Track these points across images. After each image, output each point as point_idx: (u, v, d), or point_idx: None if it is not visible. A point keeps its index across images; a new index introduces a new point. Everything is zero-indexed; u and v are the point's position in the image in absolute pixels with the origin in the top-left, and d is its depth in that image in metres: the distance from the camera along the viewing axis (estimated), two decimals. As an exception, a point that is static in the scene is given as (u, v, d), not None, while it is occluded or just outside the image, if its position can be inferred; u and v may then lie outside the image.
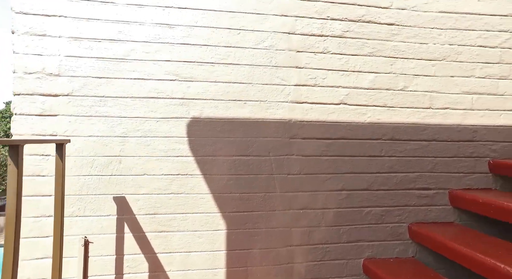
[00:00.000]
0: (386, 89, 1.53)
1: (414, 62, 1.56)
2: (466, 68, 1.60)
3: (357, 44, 1.52)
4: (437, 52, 1.58)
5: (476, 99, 1.60)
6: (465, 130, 1.58)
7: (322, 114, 1.48)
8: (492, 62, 1.62)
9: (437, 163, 1.56)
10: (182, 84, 1.38)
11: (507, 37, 1.62)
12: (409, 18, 1.56)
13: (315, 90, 1.47)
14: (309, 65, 1.47)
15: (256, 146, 1.43)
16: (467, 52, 1.60)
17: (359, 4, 1.52)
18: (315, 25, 1.48)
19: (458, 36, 1.60)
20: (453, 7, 1.59)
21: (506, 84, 1.62)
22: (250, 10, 1.43)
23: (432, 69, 1.57)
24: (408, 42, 1.56)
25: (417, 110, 1.55)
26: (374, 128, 1.52)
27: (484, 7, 1.61)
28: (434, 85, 1.57)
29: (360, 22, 1.52)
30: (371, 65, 1.52)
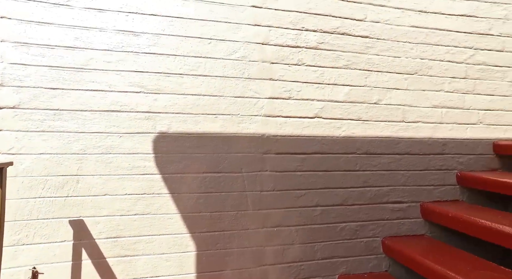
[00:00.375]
0: (361, 102, 1.52)
1: (387, 76, 1.55)
2: (436, 82, 1.62)
3: (332, 56, 1.49)
4: (409, 66, 1.59)
5: (445, 113, 1.63)
6: (435, 144, 1.61)
7: (296, 129, 1.43)
8: (459, 77, 1.65)
9: (409, 176, 1.57)
10: (148, 97, 1.27)
11: (472, 53, 1.67)
12: (383, 32, 1.55)
13: (290, 104, 1.43)
14: (284, 77, 1.42)
15: (228, 162, 1.36)
16: (437, 67, 1.62)
17: (334, 16, 1.49)
18: (290, 36, 1.43)
19: (429, 51, 1.62)
20: (424, 22, 1.61)
21: (471, 99, 1.66)
22: (221, 19, 1.35)
23: (405, 83, 1.58)
24: (382, 56, 1.55)
25: (391, 123, 1.55)
26: (349, 142, 1.49)
27: (451, 24, 1.64)
28: (407, 99, 1.58)
29: (335, 34, 1.49)
30: (346, 78, 1.50)
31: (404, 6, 1.58)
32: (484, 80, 1.68)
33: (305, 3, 1.45)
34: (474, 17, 1.67)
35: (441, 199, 1.61)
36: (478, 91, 1.68)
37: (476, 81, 1.67)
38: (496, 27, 1.70)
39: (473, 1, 1.67)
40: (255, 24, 1.39)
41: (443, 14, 1.64)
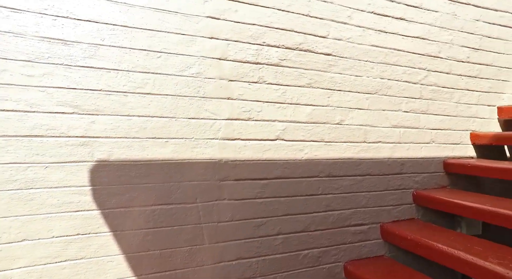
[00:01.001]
0: (324, 123, 1.46)
1: (350, 95, 1.52)
2: (395, 102, 1.63)
3: (295, 74, 1.40)
4: (371, 85, 1.57)
5: (403, 132, 1.64)
6: (394, 164, 1.61)
7: (257, 152, 1.32)
8: (415, 97, 1.68)
9: (370, 198, 1.55)
10: (84, 119, 1.07)
11: (425, 74, 1.71)
12: (345, 50, 1.51)
13: (250, 125, 1.31)
14: (243, 96, 1.30)
15: (181, 192, 1.20)
16: (396, 87, 1.63)
17: (297, 31, 1.41)
18: (250, 51, 1.32)
19: (388, 71, 1.61)
20: (383, 42, 1.60)
21: (425, 118, 1.70)
22: (173, 30, 1.19)
23: (366, 103, 1.56)
24: (345, 74, 1.51)
25: (353, 144, 1.51)
26: (312, 165, 1.42)
27: (407, 45, 1.66)
28: (368, 119, 1.56)
29: (298, 50, 1.41)
30: (308, 97, 1.43)
31: (365, 24, 1.56)
32: (435, 100, 1.74)
33: (266, 17, 1.35)
34: (426, 40, 1.71)
35: (399, 218, 1.62)
36: (431, 111, 1.72)
37: (429, 101, 1.72)
38: (444, 51, 1.76)
39: (425, 24, 1.71)
40: (212, 37, 1.25)
41: (400, 35, 1.65)
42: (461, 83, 1.81)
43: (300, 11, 1.41)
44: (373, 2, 1.58)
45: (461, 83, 1.81)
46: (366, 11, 1.56)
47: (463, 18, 1.82)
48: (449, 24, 1.78)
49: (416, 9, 1.69)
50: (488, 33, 1.89)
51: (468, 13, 1.83)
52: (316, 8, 1.45)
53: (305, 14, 1.43)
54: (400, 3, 1.65)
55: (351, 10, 1.53)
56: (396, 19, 1.64)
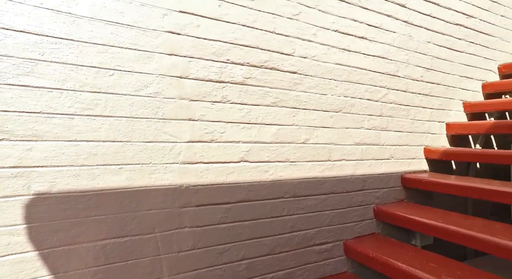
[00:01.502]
0: (289, 142, 1.43)
1: (315, 114, 1.51)
2: (357, 120, 1.66)
3: (260, 93, 1.36)
4: (335, 103, 1.58)
5: (365, 149, 1.68)
6: (356, 181, 1.64)
7: (220, 175, 1.26)
8: (375, 115, 1.73)
9: (334, 216, 1.56)
10: (17, 146, 0.92)
11: (385, 92, 1.76)
12: (310, 68, 1.50)
13: (212, 147, 1.24)
14: (206, 117, 1.23)
15: (137, 222, 1.09)
16: (358, 105, 1.66)
17: (262, 48, 1.37)
18: (213, 69, 1.25)
19: (351, 89, 1.64)
20: (346, 60, 1.62)
21: (385, 135, 1.76)
22: (129, 45, 1.08)
23: (331, 121, 1.56)
24: (310, 93, 1.50)
25: (318, 163, 1.51)
26: (277, 187, 1.39)
27: (368, 63, 1.70)
28: (332, 138, 1.56)
29: (263, 68, 1.37)
30: (274, 116, 1.39)
31: (329, 43, 1.56)
32: (394, 117, 1.80)
33: (230, 33, 1.29)
34: (386, 59, 1.77)
35: (361, 234, 1.65)
36: (390, 128, 1.78)
37: (389, 118, 1.78)
38: (402, 70, 1.84)
39: (384, 44, 1.77)
40: (172, 54, 1.16)
41: (362, 53, 1.68)
42: (416, 101, 1.90)
43: (265, 27, 1.37)
44: (337, 20, 1.59)
45: (416, 101, 1.91)
46: (331, 30, 1.57)
47: (417, 40, 1.91)
48: (405, 44, 1.86)
49: (377, 29, 1.74)
50: (437, 55, 2.01)
51: (421, 35, 1.93)
52: (282, 25, 1.42)
53: (270, 31, 1.39)
54: (362, 23, 1.68)
55: (316, 28, 1.52)
56: (358, 38, 1.67)
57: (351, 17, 1.64)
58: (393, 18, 1.80)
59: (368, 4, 1.70)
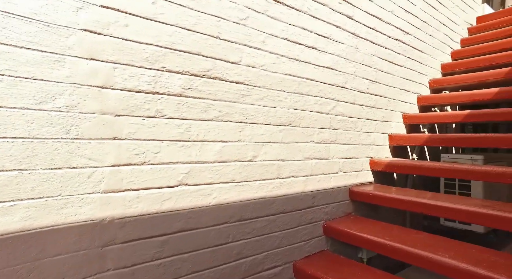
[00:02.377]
0: (235, 161, 1.29)
1: (263, 128, 1.39)
2: (307, 133, 1.58)
3: (202, 106, 1.20)
4: (284, 116, 1.48)
5: (314, 164, 1.61)
6: (306, 198, 1.56)
7: (153, 204, 1.06)
8: (325, 128, 1.68)
9: (283, 237, 1.46)
10: None
11: (334, 105, 1.73)
12: (259, 78, 1.38)
13: (144, 171, 1.04)
14: (136, 135, 1.03)
15: (37, 274, 0.85)
16: (308, 118, 1.59)
17: (205, 56, 1.20)
18: (145, 78, 1.05)
19: (301, 101, 1.56)
20: (296, 70, 1.54)
21: (334, 148, 1.73)
22: (25, 43, 0.83)
23: (280, 136, 1.46)
24: (258, 105, 1.37)
25: (266, 182, 1.39)
26: (221, 211, 1.24)
27: (318, 75, 1.65)
28: (281, 153, 1.46)
29: (206, 78, 1.21)
30: (217, 132, 1.24)
31: (279, 51, 1.46)
32: (343, 130, 1.78)
33: (167, 36, 1.10)
34: (335, 71, 1.74)
35: (310, 253, 1.58)
36: (339, 141, 1.75)
37: (338, 131, 1.75)
38: (350, 82, 1.83)
39: (333, 55, 1.73)
40: (91, 58, 0.94)
41: (312, 64, 1.62)
42: (362, 113, 1.91)
43: (208, 32, 1.21)
44: (287, 28, 1.50)
45: (363, 113, 1.91)
46: (280, 37, 1.47)
47: (363, 52, 1.92)
48: (353, 56, 1.85)
49: (326, 40, 1.69)
50: (381, 68, 2.05)
51: (367, 48, 1.95)
52: (227, 30, 1.27)
53: (214, 36, 1.23)
54: (312, 32, 1.62)
55: (265, 34, 1.41)
56: (308, 47, 1.60)
57: (300, 25, 1.56)
58: (341, 29, 1.78)
59: (317, 13, 1.64)
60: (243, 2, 1.32)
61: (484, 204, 1.37)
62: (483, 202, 1.42)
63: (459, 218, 1.36)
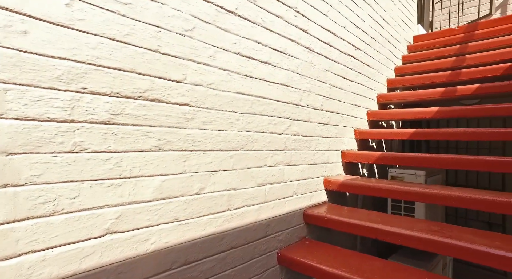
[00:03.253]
0: (178, 196, 1.10)
1: (212, 155, 1.22)
2: (260, 157, 1.45)
3: (137, 135, 0.98)
4: (236, 140, 1.33)
5: (268, 190, 1.49)
6: (259, 227, 1.43)
7: (69, 264, 0.83)
8: (279, 149, 1.57)
9: (235, 275, 1.30)
10: None
11: (289, 124, 1.63)
12: (207, 98, 1.21)
13: (55, 224, 0.80)
14: (42, 177, 0.78)
15: None
16: (261, 140, 1.46)
17: (141, 73, 0.99)
18: (57, 103, 0.81)
19: (254, 122, 1.42)
20: (249, 88, 1.40)
21: (289, 171, 1.62)
22: None
23: (231, 162, 1.30)
24: (206, 130, 1.20)
25: (215, 216, 1.23)
26: (161, 257, 1.04)
27: (272, 92, 1.53)
28: (233, 182, 1.31)
29: (142, 100, 1.00)
30: (157, 164, 1.04)
31: (230, 67, 1.30)
32: (297, 150, 1.68)
33: (89, 48, 0.87)
34: (290, 87, 1.64)
35: (263, 287, 1.46)
36: (294, 162, 1.66)
37: (292, 152, 1.65)
38: (304, 99, 1.75)
39: (288, 71, 1.63)
40: (-31, 78, 0.68)
41: (266, 81, 1.49)
42: (317, 131, 1.85)
43: (145, 44, 1.01)
44: (239, 41, 1.35)
45: (317, 131, 1.85)
46: (232, 52, 1.31)
47: (318, 68, 1.86)
48: (308, 72, 1.77)
49: (281, 54, 1.58)
50: (334, 83, 2.02)
51: (321, 63, 1.89)
52: (169, 42, 1.08)
53: (153, 50, 1.03)
54: (266, 46, 1.49)
55: (214, 48, 1.24)
56: (262, 63, 1.47)
57: (254, 38, 1.42)
58: (296, 44, 1.68)
59: (272, 26, 1.52)
60: (188, 10, 1.14)
61: (433, 228, 1.37)
62: (431, 225, 1.43)
63: (411, 244, 1.35)
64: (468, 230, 1.33)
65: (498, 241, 1.21)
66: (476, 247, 1.18)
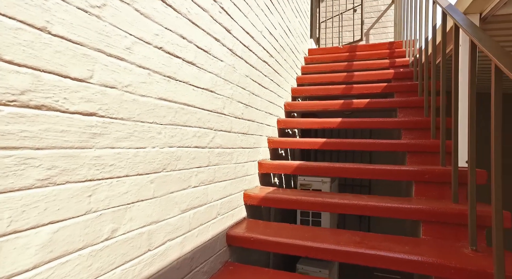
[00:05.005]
0: (79, 249, 0.74)
1: (128, 182, 0.90)
2: (184, 177, 1.19)
3: (7, 164, 0.59)
4: (157, 160, 1.03)
5: (192, 216, 1.24)
6: (184, 263, 1.17)
7: None
8: (203, 166, 1.34)
9: None
10: None
11: (213, 135, 1.42)
12: (122, 105, 0.88)
13: None
14: None
15: None
16: (185, 156, 1.20)
17: (13, 62, 0.61)
18: None
19: (178, 135, 1.15)
20: (173, 93, 1.12)
21: (212, 189, 1.42)
22: None
23: (151, 189, 1.00)
24: (119, 149, 0.87)
25: (132, 264, 0.91)
26: None
27: (197, 98, 1.29)
28: (154, 214, 1.01)
29: (16, 108, 0.61)
30: (44, 208, 0.66)
31: (151, 65, 1.00)
32: (221, 165, 1.49)
33: None
34: (214, 93, 1.43)
35: None
36: (217, 179, 1.46)
37: (216, 167, 1.44)
38: (227, 107, 1.57)
39: (213, 74, 1.42)
40: None
41: (191, 85, 1.24)
42: (238, 142, 1.69)
43: (21, 15, 0.62)
44: (162, 33, 1.05)
45: (238, 142, 1.70)
46: (153, 45, 1.01)
47: (239, 73, 1.71)
48: (230, 77, 1.60)
49: (206, 55, 1.35)
50: (253, 90, 1.92)
51: (242, 68, 1.75)
52: (66, 20, 0.71)
53: (37, 26, 0.65)
54: (191, 43, 1.24)
55: (131, 38, 0.91)
56: (187, 63, 1.21)
57: (179, 32, 1.15)
58: (221, 44, 1.48)
59: (198, 20, 1.28)
60: (96, -22, 0.79)
61: (356, 240, 1.43)
62: (352, 236, 1.50)
63: (341, 259, 1.36)
64: (384, 238, 1.44)
65: (408, 246, 1.34)
66: (395, 255, 1.26)
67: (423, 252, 1.26)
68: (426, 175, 1.62)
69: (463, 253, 1.26)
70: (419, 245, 1.35)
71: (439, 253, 1.25)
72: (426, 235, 1.45)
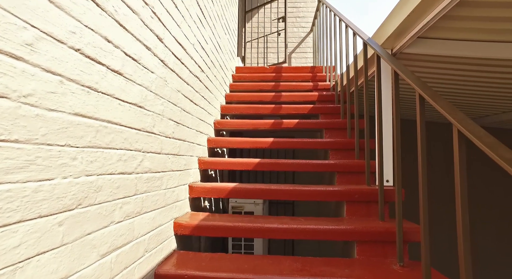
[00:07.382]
0: None
1: (21, 232, 0.64)
2: (106, 212, 0.95)
3: None
4: (70, 194, 0.78)
5: (115, 259, 0.99)
6: (100, 326, 0.91)
7: None
8: (130, 196, 1.11)
9: None
10: None
11: (141, 158, 1.21)
12: (16, 122, 0.63)
13: None
14: None
15: None
16: (108, 186, 0.96)
17: None
18: None
19: (98, 160, 0.92)
20: (94, 108, 0.90)
21: (139, 223, 1.18)
22: None
23: (60, 234, 0.74)
24: (13, 183, 0.61)
25: None
26: None
27: (124, 115, 1.08)
28: (61, 267, 0.75)
29: None
30: None
31: (64, 71, 0.77)
32: (149, 192, 1.27)
33: None
34: (143, 109, 1.23)
35: None
36: (145, 210, 1.23)
37: (144, 196, 1.22)
38: (157, 125, 1.38)
39: (142, 87, 1.22)
40: None
41: (117, 98, 1.02)
42: (168, 164, 1.49)
43: None
44: (81, 31, 0.83)
45: (168, 164, 1.50)
46: (69, 45, 0.79)
47: (171, 87, 1.54)
48: (161, 91, 1.41)
49: (136, 64, 1.15)
50: (184, 107, 1.75)
51: (174, 82, 1.58)
52: None
53: None
54: (118, 48, 1.03)
55: (35, 31, 0.68)
56: (113, 72, 0.99)
57: (103, 33, 0.94)
58: (152, 53, 1.30)
59: (126, 22, 1.08)
60: None
61: (297, 267, 1.37)
62: (293, 262, 1.44)
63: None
64: (323, 261, 1.42)
65: (348, 269, 1.35)
66: (337, 280, 1.25)
67: (360, 275, 1.28)
68: (356, 195, 1.69)
69: (393, 270, 1.33)
70: (355, 265, 1.37)
71: (374, 275, 1.28)
72: (360, 255, 1.49)
